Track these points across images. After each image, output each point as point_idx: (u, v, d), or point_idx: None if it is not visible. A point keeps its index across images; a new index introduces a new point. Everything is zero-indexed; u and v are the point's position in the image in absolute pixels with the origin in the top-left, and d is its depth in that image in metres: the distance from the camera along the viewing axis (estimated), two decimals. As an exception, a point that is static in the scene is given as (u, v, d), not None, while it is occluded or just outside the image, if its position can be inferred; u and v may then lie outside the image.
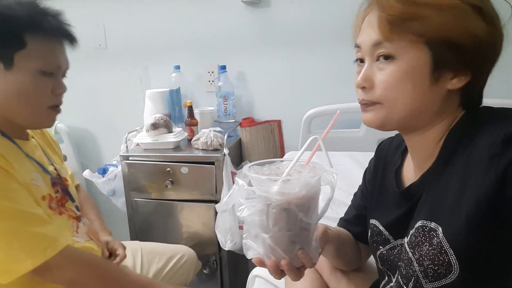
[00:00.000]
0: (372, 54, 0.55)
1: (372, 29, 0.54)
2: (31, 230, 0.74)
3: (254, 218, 0.52)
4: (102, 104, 1.94)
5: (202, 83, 1.79)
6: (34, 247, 0.73)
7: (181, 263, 1.19)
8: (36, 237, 0.74)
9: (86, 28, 1.82)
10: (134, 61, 1.82)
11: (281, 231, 0.53)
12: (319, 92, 1.66)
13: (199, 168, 1.42)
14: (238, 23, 1.68)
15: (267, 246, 0.54)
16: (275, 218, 0.52)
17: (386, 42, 0.52)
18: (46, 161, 0.91)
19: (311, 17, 1.59)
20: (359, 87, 0.57)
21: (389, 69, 0.53)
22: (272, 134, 1.75)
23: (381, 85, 0.54)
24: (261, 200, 0.52)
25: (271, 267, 0.55)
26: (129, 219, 1.55)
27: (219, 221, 1.40)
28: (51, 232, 0.76)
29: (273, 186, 0.52)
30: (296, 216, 0.53)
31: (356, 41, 0.59)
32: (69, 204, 0.92)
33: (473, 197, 0.48)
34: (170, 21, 1.75)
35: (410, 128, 0.58)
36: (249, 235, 0.56)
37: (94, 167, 1.74)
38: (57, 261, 0.75)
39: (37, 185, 0.82)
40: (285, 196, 0.51)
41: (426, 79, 0.52)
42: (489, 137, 0.48)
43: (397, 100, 0.54)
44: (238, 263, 1.62)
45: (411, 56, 0.52)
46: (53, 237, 0.76)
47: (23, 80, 0.78)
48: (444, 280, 0.51)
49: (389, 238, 0.64)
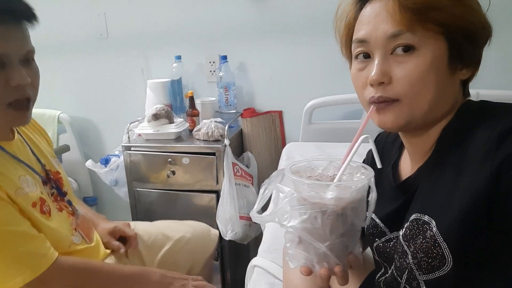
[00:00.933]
0: (386, 46, 0.51)
1: (385, 19, 0.51)
2: (17, 250, 0.73)
3: (307, 227, 0.49)
4: (104, 94, 1.94)
5: (203, 73, 1.78)
6: (22, 265, 0.73)
7: (185, 242, 1.16)
8: (23, 256, 0.74)
9: (88, 18, 1.81)
10: (136, 51, 1.82)
11: (337, 237, 0.50)
12: (320, 82, 1.65)
13: (200, 158, 1.43)
14: (240, 13, 1.66)
15: (321, 254, 0.51)
16: (332, 224, 0.49)
17: (407, 33, 0.49)
18: (33, 159, 0.88)
19: (313, 7, 1.57)
20: (376, 82, 0.52)
21: (412, 61, 0.50)
22: (273, 124, 1.75)
23: (403, 79, 0.50)
24: (314, 207, 0.48)
25: (325, 275, 0.52)
26: (131, 209, 1.57)
27: (220, 211, 1.41)
28: (38, 248, 0.76)
29: (327, 192, 0.48)
30: (351, 220, 0.50)
31: (357, 36, 0.55)
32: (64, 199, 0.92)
33: (467, 191, 0.48)
34: (172, 11, 1.74)
35: (425, 124, 0.55)
36: (293, 243, 0.53)
37: (96, 157, 1.76)
38: (49, 274, 0.76)
39: (25, 193, 0.79)
40: (342, 202, 0.48)
41: (446, 71, 0.51)
42: (485, 132, 0.48)
43: (420, 95, 0.51)
44: (239, 252, 1.64)
45: (433, 47, 0.50)
46: (40, 253, 0.76)
47: None
48: (438, 273, 0.51)
49: (385, 231, 0.65)
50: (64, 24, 1.82)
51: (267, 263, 0.95)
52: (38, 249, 0.76)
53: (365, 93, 0.55)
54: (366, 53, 0.55)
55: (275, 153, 1.76)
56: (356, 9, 0.57)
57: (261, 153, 1.73)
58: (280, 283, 0.88)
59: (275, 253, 0.97)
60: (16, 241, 0.74)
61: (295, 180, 0.51)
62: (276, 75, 1.71)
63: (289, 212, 0.50)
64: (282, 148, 1.68)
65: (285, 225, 0.51)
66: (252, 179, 1.56)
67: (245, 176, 1.50)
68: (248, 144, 1.71)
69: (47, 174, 0.90)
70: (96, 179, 1.91)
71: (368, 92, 0.54)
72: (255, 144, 1.71)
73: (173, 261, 1.13)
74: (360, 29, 0.55)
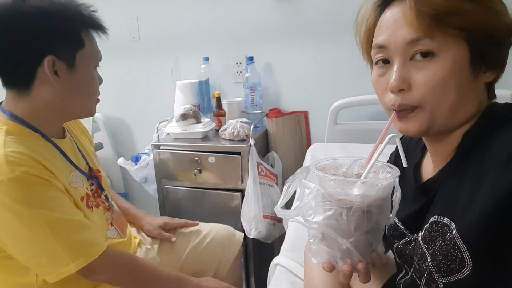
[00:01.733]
0: (405, 52, 0.51)
1: (403, 25, 0.50)
2: (73, 238, 0.78)
3: (331, 223, 0.49)
4: (135, 95, 2.02)
5: (230, 74, 1.82)
6: (77, 252, 0.78)
7: (211, 239, 1.20)
8: (78, 243, 0.78)
9: (121, 21, 1.90)
10: (166, 53, 1.88)
11: (362, 234, 0.51)
12: (346, 83, 1.64)
13: (226, 158, 1.46)
14: (266, 14, 1.68)
15: (345, 250, 0.51)
16: (357, 221, 0.49)
17: (426, 39, 0.49)
18: (80, 157, 0.94)
19: (339, 8, 1.56)
20: (396, 89, 0.52)
21: (432, 67, 0.49)
22: (299, 125, 1.76)
23: (423, 85, 0.50)
24: (339, 203, 0.49)
25: (347, 271, 0.52)
26: (160, 205, 1.63)
27: (244, 210, 1.44)
28: (91, 237, 0.81)
29: (353, 189, 0.48)
30: (376, 217, 0.51)
31: (377, 42, 0.55)
32: (102, 195, 0.98)
33: (488, 194, 0.47)
34: (200, 14, 1.78)
35: (447, 128, 0.54)
36: (317, 239, 0.53)
37: (128, 155, 1.84)
38: (98, 263, 0.80)
39: (75, 187, 0.85)
40: (368, 199, 0.48)
41: (468, 75, 0.50)
42: (507, 135, 0.47)
43: (442, 101, 0.50)
44: (263, 251, 1.66)
45: (453, 52, 0.49)
46: (93, 241, 0.81)
47: (84, 77, 0.83)
48: (457, 275, 0.51)
49: (405, 232, 0.64)
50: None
51: (289, 262, 0.97)
52: (91, 238, 0.81)
53: (386, 99, 0.55)
54: (386, 59, 0.54)
55: (299, 153, 1.76)
56: (375, 14, 0.57)
57: (286, 153, 1.74)
58: (301, 282, 0.89)
59: (297, 252, 0.98)
60: (72, 229, 0.78)
61: (321, 176, 0.51)
62: (302, 75, 1.71)
63: (313, 208, 0.50)
64: (307, 148, 1.68)
65: (309, 221, 0.51)
66: (276, 178, 1.57)
67: (269, 176, 1.52)
68: (273, 144, 1.72)
69: (90, 171, 0.96)
70: (127, 176, 1.98)
71: (388, 98, 0.54)
72: (280, 144, 1.72)
73: (201, 258, 1.16)
74: (379, 34, 0.55)
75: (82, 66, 0.81)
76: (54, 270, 0.77)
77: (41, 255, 0.77)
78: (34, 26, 0.75)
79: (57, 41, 0.77)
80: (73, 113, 0.88)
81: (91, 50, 0.84)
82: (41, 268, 0.78)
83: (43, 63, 0.76)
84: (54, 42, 0.77)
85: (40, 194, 0.75)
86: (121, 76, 1.99)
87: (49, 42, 0.77)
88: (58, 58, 0.78)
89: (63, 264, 0.77)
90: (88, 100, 0.87)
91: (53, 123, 0.86)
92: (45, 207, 0.75)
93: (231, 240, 1.24)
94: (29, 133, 0.81)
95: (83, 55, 0.81)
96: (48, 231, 0.75)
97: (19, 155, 0.73)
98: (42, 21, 0.75)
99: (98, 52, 0.87)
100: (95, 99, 0.89)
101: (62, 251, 0.76)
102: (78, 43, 0.80)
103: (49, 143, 0.84)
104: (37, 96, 0.80)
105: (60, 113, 0.85)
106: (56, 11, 0.76)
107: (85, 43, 0.81)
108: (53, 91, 0.79)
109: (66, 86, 0.80)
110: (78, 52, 0.80)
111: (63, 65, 0.79)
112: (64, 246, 0.76)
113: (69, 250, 0.77)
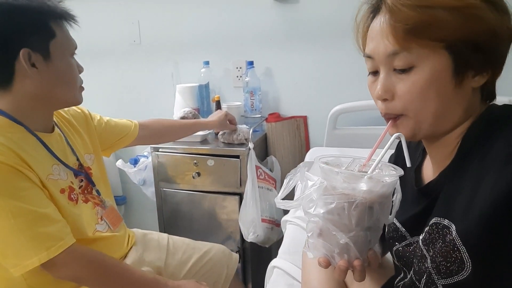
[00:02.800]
0: (388, 64, 0.53)
1: (385, 38, 0.52)
2: (37, 230, 0.77)
3: (332, 217, 0.49)
4: (136, 97, 2.02)
5: (230, 78, 1.82)
6: (40, 245, 0.77)
7: (210, 259, 1.21)
8: (42, 236, 0.78)
9: (122, 25, 1.91)
10: (166, 56, 1.89)
11: (361, 230, 0.51)
12: (346, 88, 1.65)
13: (225, 161, 1.46)
14: (266, 19, 1.69)
15: (343, 246, 0.51)
16: (358, 216, 0.49)
17: (404, 52, 0.50)
18: (69, 153, 0.95)
19: (339, 13, 1.58)
20: (380, 99, 0.55)
21: (411, 78, 0.51)
22: (298, 129, 1.76)
23: (404, 96, 0.52)
24: (342, 197, 0.49)
25: (343, 267, 0.53)
26: (158, 208, 1.62)
27: (242, 214, 1.44)
28: (56, 232, 0.80)
29: (360, 183, 0.49)
30: (377, 215, 0.51)
31: (366, 51, 0.56)
32: (93, 190, 0.98)
33: (487, 196, 0.47)
34: (201, 19, 1.79)
35: (436, 133, 0.56)
36: (315, 233, 0.53)
37: (126, 157, 1.83)
38: (62, 259, 0.80)
39: (55, 179, 0.86)
40: (373, 195, 0.49)
41: (449, 83, 0.51)
42: (506, 136, 0.48)
43: (422, 109, 0.52)
44: (260, 254, 1.65)
45: (432, 62, 0.50)
46: (58, 236, 0.80)
47: (62, 66, 0.85)
48: (457, 277, 0.51)
49: (405, 235, 0.64)
50: (101, 30, 1.93)
51: (287, 265, 0.96)
52: (56, 232, 0.80)
53: (378, 105, 0.57)
54: (374, 69, 0.56)
55: (298, 158, 1.76)
56: (368, 22, 0.58)
57: (285, 157, 1.74)
58: (298, 284, 0.89)
59: (295, 255, 0.98)
60: (37, 221, 0.78)
61: (327, 169, 0.52)
62: (301, 80, 1.72)
63: (315, 201, 0.51)
64: (305, 153, 1.68)
65: (309, 213, 0.51)
66: (275, 182, 1.57)
67: (268, 180, 1.52)
68: (272, 148, 1.72)
69: (80, 168, 0.97)
70: (125, 179, 1.98)
71: (379, 105, 0.57)
72: (279, 148, 1.73)
73: (201, 273, 1.18)
74: (368, 43, 0.57)
75: (57, 55, 0.83)
76: (18, 263, 0.77)
77: (6, 246, 0.77)
78: (3, 22, 0.78)
79: (28, 34, 0.80)
80: (57, 103, 0.89)
81: (63, 39, 0.85)
82: (7, 260, 0.78)
83: (19, 57, 0.79)
84: (25, 35, 0.79)
85: (9, 183, 0.76)
86: (122, 79, 2.00)
87: (21, 35, 0.79)
88: (33, 50, 0.80)
89: (27, 257, 0.77)
90: (70, 89, 0.88)
91: (38, 116, 0.87)
92: (12, 196, 0.76)
93: (229, 258, 1.25)
94: (12, 125, 0.82)
95: (56, 44, 0.83)
96: (12, 221, 0.75)
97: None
98: (9, 16, 0.78)
99: (71, 40, 0.88)
100: (77, 86, 0.90)
101: (26, 242, 0.76)
102: (49, 33, 0.82)
103: (32, 136, 0.85)
104: (18, 90, 0.82)
105: (44, 104, 0.86)
106: (22, 5, 0.78)
107: (56, 33, 0.83)
108: (33, 83, 0.82)
109: (46, 77, 0.82)
110: (50, 42, 0.82)
111: (39, 57, 0.81)
112: (28, 238, 0.76)
113: (33, 242, 0.77)
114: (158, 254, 1.15)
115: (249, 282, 1.58)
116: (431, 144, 0.60)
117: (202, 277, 1.18)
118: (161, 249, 1.17)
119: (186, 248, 1.20)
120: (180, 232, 1.37)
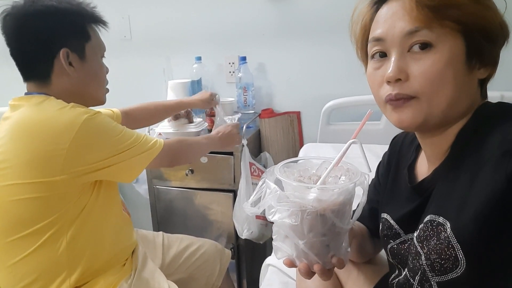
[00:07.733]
0: (403, 44, 0.52)
1: (402, 17, 0.51)
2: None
3: (288, 222, 0.51)
4: (126, 94, 1.99)
5: (223, 74, 1.81)
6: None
7: (203, 253, 1.24)
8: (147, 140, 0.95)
9: (113, 20, 1.86)
10: (158, 52, 1.86)
11: (315, 236, 0.52)
12: (339, 84, 1.65)
13: (218, 158, 1.45)
14: (259, 14, 1.68)
15: (300, 251, 0.53)
16: (310, 224, 0.51)
17: (425, 30, 0.50)
18: None
19: (332, 9, 1.57)
20: (393, 79, 0.52)
21: (429, 58, 0.50)
22: (291, 125, 1.76)
23: (421, 76, 0.50)
24: (295, 205, 0.50)
25: (303, 269, 0.54)
26: (151, 206, 1.61)
27: (236, 210, 1.43)
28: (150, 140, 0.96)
29: (309, 193, 0.50)
30: (331, 221, 0.52)
31: (374, 35, 0.55)
32: None
33: (482, 193, 0.47)
34: (192, 14, 1.77)
35: (443, 122, 0.54)
36: (279, 236, 0.55)
37: (119, 155, 1.81)
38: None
39: None
40: (322, 203, 0.50)
41: (462, 69, 0.51)
42: (501, 133, 0.48)
43: (438, 92, 0.50)
44: (255, 251, 1.65)
45: (450, 44, 0.50)
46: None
47: (94, 66, 0.94)
48: (451, 274, 0.51)
49: (399, 232, 0.64)
50: (90, 26, 1.90)
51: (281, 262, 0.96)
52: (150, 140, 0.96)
53: (381, 92, 0.55)
54: (383, 52, 0.55)
55: (292, 154, 1.76)
56: (372, 11, 0.58)
57: (279, 153, 1.73)
58: (293, 282, 0.89)
59: (290, 253, 0.98)
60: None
61: (280, 178, 0.54)
62: (294, 76, 1.72)
63: (275, 207, 0.52)
64: (299, 148, 1.68)
65: (269, 219, 0.54)
66: (269, 179, 1.57)
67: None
68: (265, 144, 1.72)
69: None
70: (118, 176, 1.96)
71: (384, 91, 0.54)
72: (273, 144, 1.72)
73: (196, 266, 1.20)
74: (376, 28, 0.56)
75: (91, 56, 0.93)
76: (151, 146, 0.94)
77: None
78: (47, 23, 0.86)
79: (68, 35, 0.88)
80: (88, 100, 0.96)
81: (97, 42, 0.95)
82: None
83: (58, 56, 0.87)
84: (65, 36, 0.88)
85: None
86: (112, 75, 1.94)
87: (62, 36, 0.88)
88: (71, 51, 0.89)
89: (154, 143, 0.95)
90: (100, 87, 0.99)
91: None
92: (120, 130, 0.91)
93: (221, 253, 1.28)
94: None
95: (90, 46, 0.93)
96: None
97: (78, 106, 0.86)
98: (53, 18, 0.86)
99: (102, 43, 0.99)
100: (105, 86, 1.01)
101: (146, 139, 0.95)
102: (86, 36, 0.92)
103: None
104: (55, 85, 0.89)
105: (77, 101, 0.91)
106: (64, 8, 0.87)
107: (91, 36, 0.93)
108: (69, 81, 0.90)
109: (81, 75, 0.91)
110: (86, 44, 0.92)
111: (75, 57, 0.90)
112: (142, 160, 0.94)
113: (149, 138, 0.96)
114: (154, 254, 1.16)
115: (243, 278, 1.58)
116: (428, 140, 0.59)
117: (196, 270, 1.19)
118: (157, 249, 1.18)
119: (180, 243, 1.23)
120: (174, 230, 1.37)
